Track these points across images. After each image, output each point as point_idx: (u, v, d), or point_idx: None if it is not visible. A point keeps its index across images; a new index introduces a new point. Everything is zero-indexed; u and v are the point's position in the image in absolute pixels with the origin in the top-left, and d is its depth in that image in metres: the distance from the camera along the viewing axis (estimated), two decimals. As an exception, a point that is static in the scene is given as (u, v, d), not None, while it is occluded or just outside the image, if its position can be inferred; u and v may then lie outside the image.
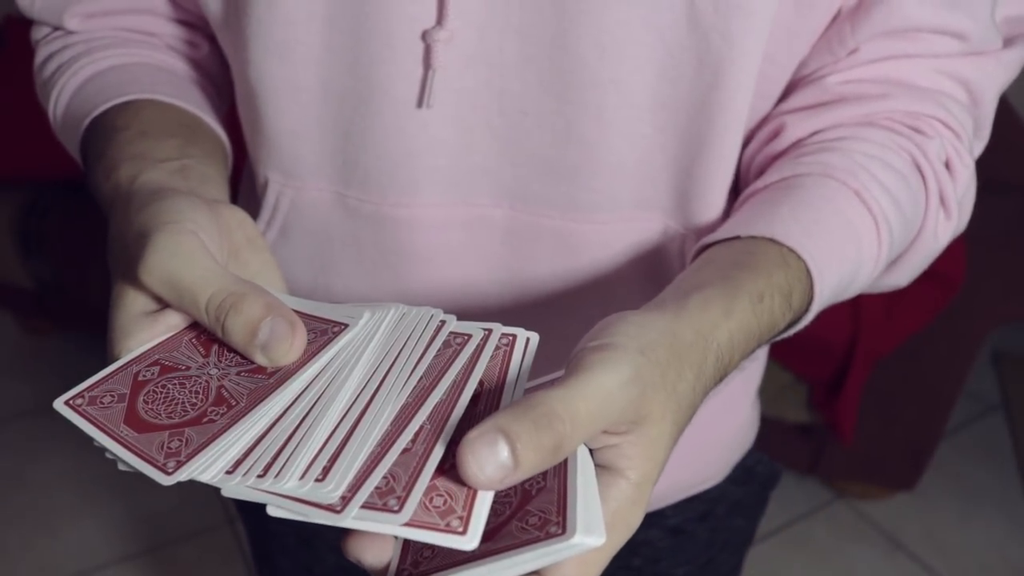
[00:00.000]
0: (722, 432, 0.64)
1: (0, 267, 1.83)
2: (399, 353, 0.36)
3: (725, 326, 0.36)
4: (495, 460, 0.27)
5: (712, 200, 0.49)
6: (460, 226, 0.51)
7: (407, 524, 0.28)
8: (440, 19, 0.44)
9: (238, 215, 0.41)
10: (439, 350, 0.36)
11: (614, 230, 0.50)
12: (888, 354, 1.44)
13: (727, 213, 0.51)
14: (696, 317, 0.35)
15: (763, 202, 0.45)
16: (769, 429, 0.75)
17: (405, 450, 0.31)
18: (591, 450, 0.32)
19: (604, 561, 0.30)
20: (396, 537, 0.32)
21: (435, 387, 0.33)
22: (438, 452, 0.31)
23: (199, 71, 0.58)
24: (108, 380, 0.36)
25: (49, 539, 1.63)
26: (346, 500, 0.29)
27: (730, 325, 0.36)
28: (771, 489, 0.71)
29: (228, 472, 0.31)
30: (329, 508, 0.28)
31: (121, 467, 0.32)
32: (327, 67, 0.47)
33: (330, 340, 0.36)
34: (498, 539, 0.29)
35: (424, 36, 0.45)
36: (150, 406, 0.34)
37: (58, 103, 0.53)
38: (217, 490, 0.31)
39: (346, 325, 0.37)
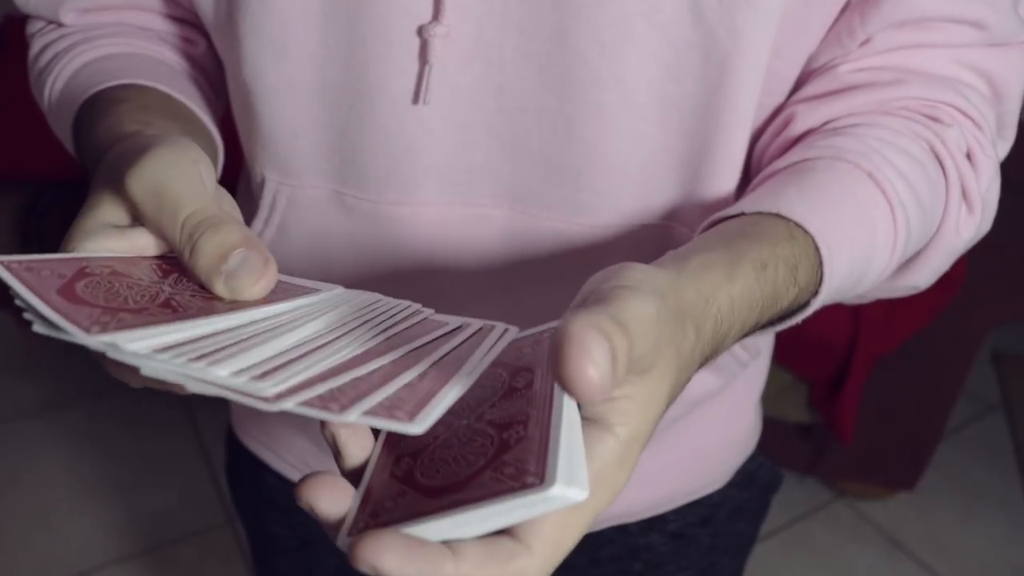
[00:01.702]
0: (725, 437, 0.64)
1: None
2: (370, 320, 0.34)
3: (726, 290, 0.33)
4: (606, 360, 0.24)
5: (719, 201, 0.48)
6: (459, 226, 0.50)
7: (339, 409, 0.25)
8: (437, 14, 0.44)
9: (230, 198, 0.40)
10: (412, 325, 0.34)
11: (617, 233, 0.49)
12: (888, 354, 1.44)
13: None
14: (697, 276, 0.33)
15: (771, 183, 0.43)
16: (769, 429, 0.75)
17: (358, 378, 0.28)
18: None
19: (585, 523, 0.28)
20: (356, 490, 0.29)
21: (402, 345, 0.31)
22: (401, 380, 0.28)
23: (196, 68, 0.57)
24: (53, 262, 0.32)
25: (49, 538, 1.63)
26: (282, 396, 0.26)
27: (732, 289, 0.34)
28: (773, 493, 0.71)
29: (157, 351, 0.27)
30: (260, 399, 0.25)
31: (37, 327, 0.28)
32: (323, 63, 0.47)
33: (297, 296, 0.34)
34: (468, 490, 0.26)
35: (421, 31, 0.44)
36: (89, 291, 0.31)
37: (54, 87, 0.52)
38: (217, 489, 0.29)
39: (317, 291, 0.35)
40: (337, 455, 0.31)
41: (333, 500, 0.28)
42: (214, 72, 0.59)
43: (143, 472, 1.78)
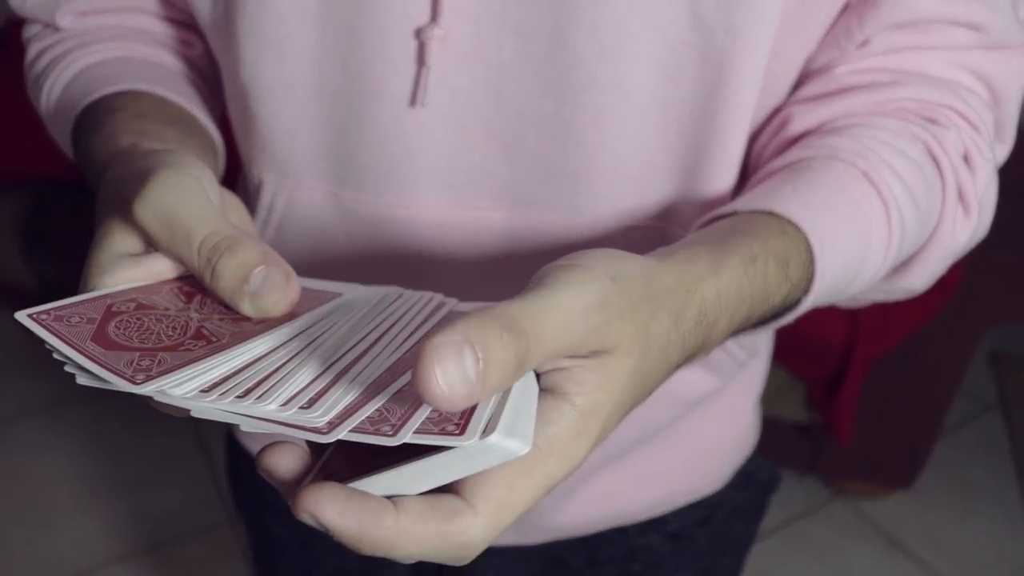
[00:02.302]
0: (724, 439, 0.64)
1: (3, 267, 1.83)
2: (396, 321, 0.34)
3: (712, 281, 0.33)
4: (461, 373, 0.24)
5: (717, 202, 0.48)
6: (458, 228, 0.50)
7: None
8: (434, 16, 0.43)
9: (235, 200, 0.40)
10: (438, 322, 0.34)
11: (615, 234, 0.49)
12: (886, 354, 1.44)
13: None
14: (680, 267, 0.32)
15: (766, 183, 0.43)
16: (768, 429, 0.75)
17: (400, 391, 0.28)
18: (537, 374, 0.29)
19: (536, 488, 0.27)
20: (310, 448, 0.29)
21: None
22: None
23: (193, 70, 0.57)
24: (78, 305, 0.32)
25: (51, 537, 1.63)
26: (333, 425, 0.26)
27: (718, 282, 0.33)
28: (771, 493, 0.71)
29: (203, 391, 0.27)
30: (314, 430, 0.26)
31: (81, 380, 0.29)
32: (320, 65, 0.46)
33: (322, 303, 0.34)
34: (416, 447, 0.26)
35: (418, 33, 0.44)
36: (122, 331, 0.31)
37: (51, 93, 0.52)
38: (218, 489, 0.29)
39: (340, 294, 0.35)
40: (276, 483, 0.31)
41: (289, 465, 0.28)
42: (211, 74, 0.58)
43: (144, 471, 1.78)
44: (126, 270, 0.34)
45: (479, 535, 0.27)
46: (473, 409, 0.26)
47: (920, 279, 0.48)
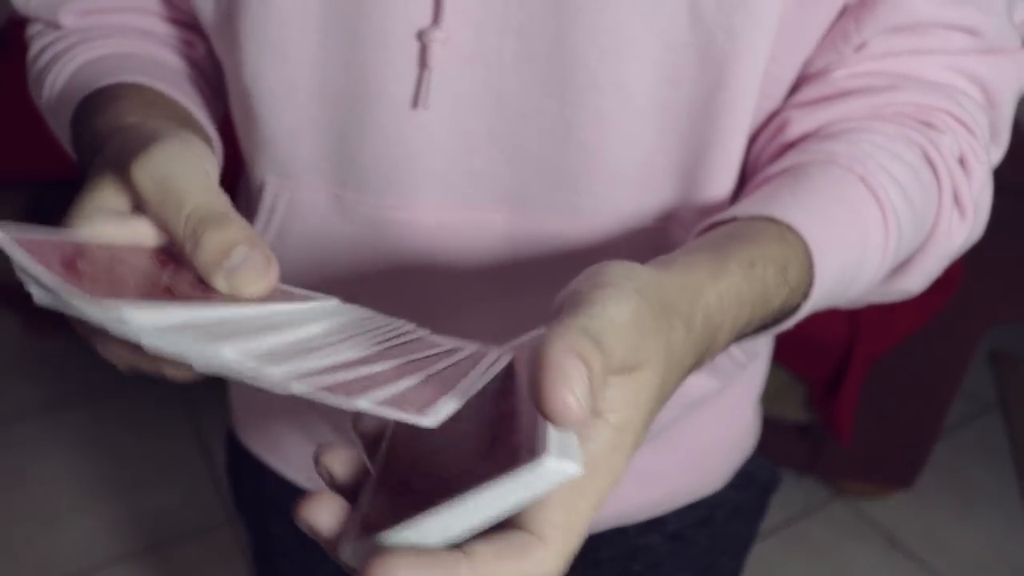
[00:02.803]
0: (724, 439, 0.64)
1: (3, 267, 1.83)
2: (366, 332, 0.34)
3: (713, 287, 0.33)
4: (585, 388, 0.24)
5: (717, 204, 0.49)
6: (458, 229, 0.50)
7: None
8: (436, 18, 0.43)
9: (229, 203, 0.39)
10: (408, 341, 0.34)
11: (616, 235, 0.49)
12: (886, 354, 1.44)
13: None
14: (682, 274, 0.33)
15: (764, 188, 0.43)
16: (767, 428, 0.75)
17: (367, 376, 0.27)
18: None
19: (592, 507, 0.27)
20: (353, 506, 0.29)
21: (401, 356, 0.31)
22: (404, 383, 0.27)
23: (196, 70, 0.57)
24: (53, 238, 0.31)
25: (51, 537, 1.64)
26: (290, 378, 0.25)
27: (718, 286, 0.34)
28: (771, 493, 0.71)
29: (161, 329, 0.26)
30: (268, 379, 0.24)
31: (38, 297, 0.28)
32: (322, 67, 0.46)
33: (294, 300, 0.34)
34: (464, 482, 0.26)
35: (420, 36, 0.44)
36: (89, 267, 0.29)
37: (54, 85, 0.52)
38: (218, 489, 0.28)
39: (315, 299, 0.35)
40: (332, 485, 0.31)
41: (332, 516, 0.28)
42: (213, 75, 0.58)
43: (144, 472, 1.78)
44: (108, 224, 0.33)
45: (554, 564, 0.26)
46: (535, 435, 0.25)
47: (917, 281, 0.49)
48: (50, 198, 1.75)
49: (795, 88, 0.49)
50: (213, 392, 1.22)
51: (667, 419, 0.58)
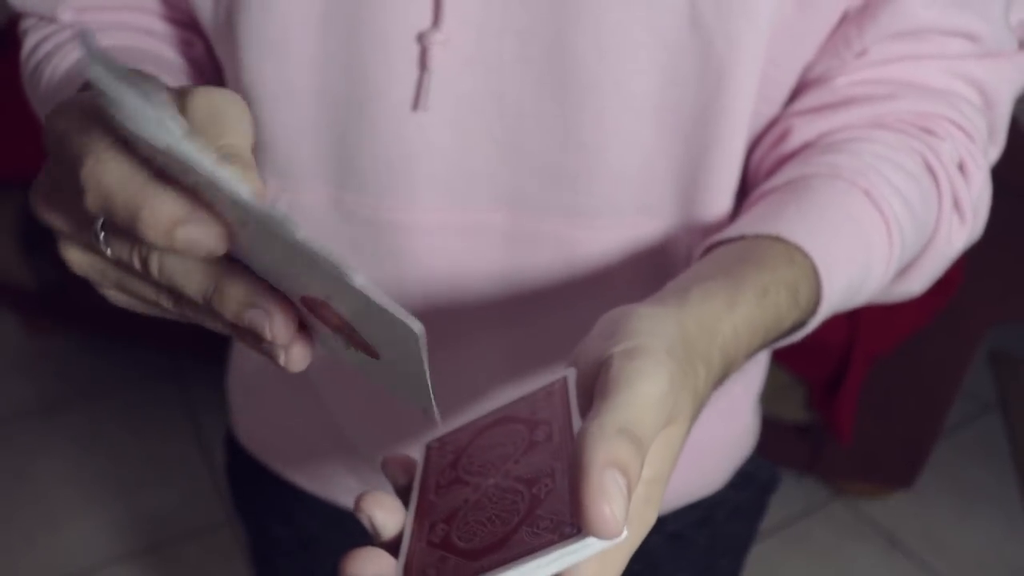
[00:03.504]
0: (723, 439, 0.64)
1: (3, 267, 1.83)
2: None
3: (729, 319, 0.34)
4: (623, 501, 0.25)
5: (717, 205, 0.49)
6: (459, 231, 0.50)
7: None
8: (436, 20, 0.43)
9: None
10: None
11: (616, 236, 0.49)
12: (886, 353, 1.44)
13: (733, 218, 0.50)
14: (698, 309, 0.33)
15: (769, 203, 0.44)
16: (767, 429, 0.75)
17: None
18: None
19: (623, 561, 0.29)
20: (396, 560, 0.30)
21: None
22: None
23: (194, 68, 0.57)
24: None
25: (51, 537, 1.64)
26: None
27: (734, 318, 0.34)
28: (771, 493, 0.71)
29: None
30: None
31: (95, 75, 0.25)
32: (322, 69, 0.46)
33: None
34: (508, 548, 0.27)
35: (420, 38, 0.44)
36: None
37: (53, 75, 0.52)
38: (217, 489, 0.29)
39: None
40: (374, 534, 0.32)
41: (377, 570, 0.29)
42: (212, 74, 0.58)
43: (144, 471, 1.78)
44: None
45: None
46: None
47: (917, 284, 0.50)
48: (50, 198, 1.74)
49: (796, 94, 0.49)
50: (213, 393, 1.22)
51: (667, 421, 0.58)
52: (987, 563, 1.62)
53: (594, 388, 0.29)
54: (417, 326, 0.26)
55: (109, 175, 0.28)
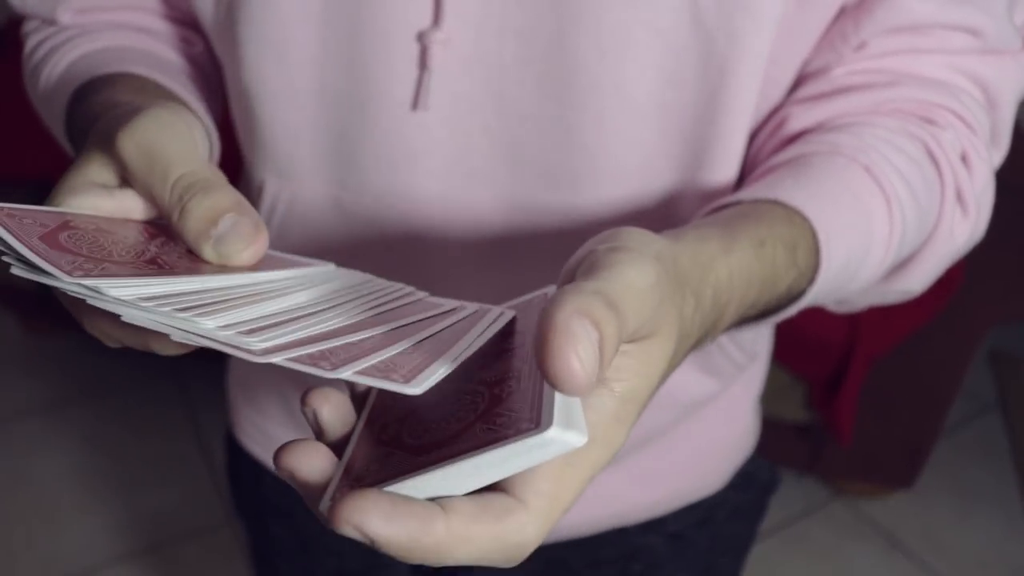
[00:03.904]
0: (723, 440, 0.64)
1: (3, 267, 1.83)
2: (362, 296, 0.33)
3: (724, 260, 0.32)
4: (594, 352, 0.22)
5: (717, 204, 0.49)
6: (458, 230, 0.50)
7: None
8: (436, 20, 0.44)
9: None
10: (405, 304, 0.33)
11: None
12: (886, 353, 1.44)
13: None
14: (692, 247, 0.31)
15: (769, 177, 0.43)
16: (767, 428, 0.75)
17: (351, 343, 0.26)
18: None
19: (583, 479, 0.26)
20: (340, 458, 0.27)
21: (395, 320, 0.30)
22: (394, 349, 0.26)
23: (194, 67, 0.57)
24: (36, 212, 0.30)
25: (51, 537, 1.64)
26: (268, 351, 0.24)
27: (729, 261, 0.32)
28: (771, 494, 0.71)
29: (141, 299, 0.25)
30: (247, 351, 0.24)
31: (15, 270, 0.27)
32: (323, 68, 0.46)
33: (287, 267, 0.33)
34: (458, 443, 0.25)
35: (420, 37, 0.44)
36: (72, 241, 0.29)
37: (50, 76, 0.52)
38: (218, 489, 0.28)
39: (308, 264, 0.34)
40: (319, 434, 0.30)
41: (313, 465, 0.26)
42: (212, 73, 0.58)
43: (144, 471, 1.78)
44: (94, 197, 0.33)
45: (533, 533, 0.25)
46: (540, 400, 0.24)
47: (918, 280, 0.48)
48: (50, 198, 1.75)
49: (794, 86, 0.48)
50: (213, 392, 1.22)
51: (667, 421, 0.58)
52: (987, 563, 1.62)
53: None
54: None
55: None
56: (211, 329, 0.25)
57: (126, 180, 0.34)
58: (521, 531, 0.25)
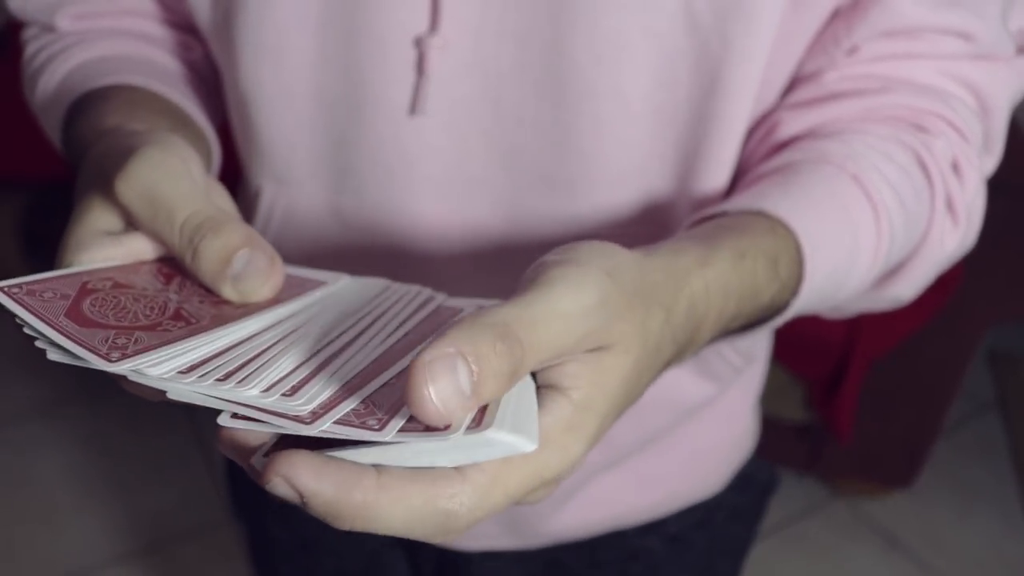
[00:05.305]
0: (722, 442, 0.64)
1: (4, 267, 1.83)
2: (384, 313, 0.33)
3: (700, 273, 0.32)
4: (455, 388, 0.23)
5: (713, 207, 0.48)
6: (456, 236, 0.50)
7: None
8: (434, 25, 0.43)
9: (220, 187, 0.38)
10: (427, 316, 0.33)
11: (612, 240, 0.48)
12: (886, 353, 1.44)
13: None
14: (666, 260, 0.32)
15: (756, 186, 0.43)
16: (767, 428, 0.75)
17: (387, 384, 0.27)
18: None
19: (529, 473, 0.26)
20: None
21: (421, 341, 0.30)
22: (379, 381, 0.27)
23: (193, 72, 0.57)
24: (53, 280, 0.31)
25: (51, 536, 1.64)
26: (317, 415, 0.25)
27: (705, 274, 0.32)
28: (770, 495, 0.71)
29: (181, 372, 0.26)
30: (296, 419, 0.25)
31: (52, 356, 0.28)
32: (320, 73, 0.46)
33: (306, 291, 0.34)
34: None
35: (417, 42, 0.44)
36: (97, 308, 0.30)
37: (47, 85, 0.52)
38: (217, 488, 0.29)
39: (325, 283, 0.35)
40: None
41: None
42: (211, 78, 0.58)
43: (144, 471, 1.78)
44: (104, 248, 0.33)
45: (466, 504, 0.25)
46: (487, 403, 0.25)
47: (908, 288, 0.48)
48: (50, 198, 1.75)
49: (786, 91, 0.48)
50: (213, 392, 1.22)
51: (665, 424, 0.58)
52: (986, 563, 1.62)
53: None
54: None
55: None
56: (255, 397, 0.26)
57: (130, 223, 0.34)
58: (453, 499, 0.25)
